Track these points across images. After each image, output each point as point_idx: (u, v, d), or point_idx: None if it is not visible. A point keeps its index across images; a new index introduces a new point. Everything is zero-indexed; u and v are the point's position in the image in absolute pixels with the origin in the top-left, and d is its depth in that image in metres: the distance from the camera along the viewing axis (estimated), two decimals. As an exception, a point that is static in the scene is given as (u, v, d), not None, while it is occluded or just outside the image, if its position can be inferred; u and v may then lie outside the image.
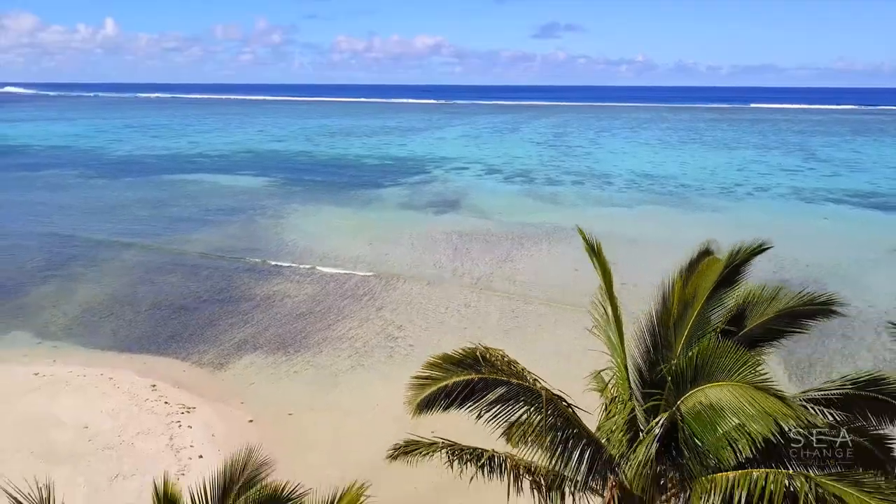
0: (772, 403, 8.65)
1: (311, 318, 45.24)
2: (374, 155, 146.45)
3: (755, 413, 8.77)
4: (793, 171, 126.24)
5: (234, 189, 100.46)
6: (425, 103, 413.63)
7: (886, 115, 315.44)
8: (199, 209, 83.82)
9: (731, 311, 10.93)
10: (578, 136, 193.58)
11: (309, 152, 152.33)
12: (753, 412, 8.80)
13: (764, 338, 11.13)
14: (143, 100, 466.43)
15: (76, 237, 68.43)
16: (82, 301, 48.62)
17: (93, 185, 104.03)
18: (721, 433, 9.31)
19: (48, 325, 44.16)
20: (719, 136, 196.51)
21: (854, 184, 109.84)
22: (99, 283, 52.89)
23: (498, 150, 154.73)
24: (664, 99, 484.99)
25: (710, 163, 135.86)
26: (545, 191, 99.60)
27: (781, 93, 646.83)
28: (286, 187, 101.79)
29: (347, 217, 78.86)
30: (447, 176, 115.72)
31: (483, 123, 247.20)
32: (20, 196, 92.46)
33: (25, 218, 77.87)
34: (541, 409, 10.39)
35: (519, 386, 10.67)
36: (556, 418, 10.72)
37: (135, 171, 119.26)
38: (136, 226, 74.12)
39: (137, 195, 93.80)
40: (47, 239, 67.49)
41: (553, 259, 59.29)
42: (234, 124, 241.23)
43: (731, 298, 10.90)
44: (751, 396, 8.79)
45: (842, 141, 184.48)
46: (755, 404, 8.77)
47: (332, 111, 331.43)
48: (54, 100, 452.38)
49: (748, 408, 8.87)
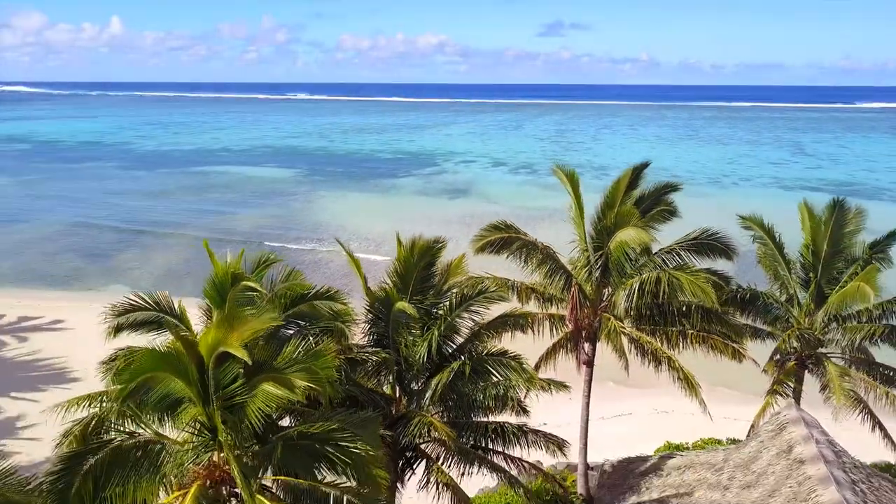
0: (645, 235, 18.20)
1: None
2: (387, 149, 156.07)
3: (637, 239, 18.19)
4: (779, 163, 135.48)
5: (263, 179, 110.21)
6: (430, 101, 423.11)
7: (881, 112, 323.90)
8: (237, 195, 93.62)
9: (633, 198, 20.30)
10: (580, 133, 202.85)
11: (325, 147, 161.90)
12: (637, 239, 18.24)
13: (650, 209, 20.48)
14: (153, 98, 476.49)
15: (136, 217, 78.32)
16: (160, 264, 58.45)
17: (133, 176, 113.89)
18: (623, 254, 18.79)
19: (138, 280, 53.95)
20: (715, 133, 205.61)
21: (832, 175, 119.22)
22: (170, 249, 62.75)
23: (503, 146, 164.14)
24: (665, 97, 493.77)
25: (702, 156, 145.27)
26: (546, 181, 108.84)
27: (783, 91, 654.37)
28: (310, 177, 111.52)
29: (370, 202, 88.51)
30: (456, 168, 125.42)
31: (488, 121, 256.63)
32: (76, 185, 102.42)
33: (87, 202, 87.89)
34: (539, 251, 20.06)
35: (527, 240, 20.31)
36: (545, 256, 20.24)
37: (167, 164, 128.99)
38: (185, 208, 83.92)
39: (178, 183, 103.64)
40: (112, 219, 77.41)
41: (553, 235, 68.86)
42: (248, 122, 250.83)
43: (631, 198, 20.28)
44: (636, 233, 18.20)
45: (831, 137, 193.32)
46: (638, 237, 18.20)
47: (339, 109, 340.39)
48: (66, 98, 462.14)
49: (635, 238, 18.28)
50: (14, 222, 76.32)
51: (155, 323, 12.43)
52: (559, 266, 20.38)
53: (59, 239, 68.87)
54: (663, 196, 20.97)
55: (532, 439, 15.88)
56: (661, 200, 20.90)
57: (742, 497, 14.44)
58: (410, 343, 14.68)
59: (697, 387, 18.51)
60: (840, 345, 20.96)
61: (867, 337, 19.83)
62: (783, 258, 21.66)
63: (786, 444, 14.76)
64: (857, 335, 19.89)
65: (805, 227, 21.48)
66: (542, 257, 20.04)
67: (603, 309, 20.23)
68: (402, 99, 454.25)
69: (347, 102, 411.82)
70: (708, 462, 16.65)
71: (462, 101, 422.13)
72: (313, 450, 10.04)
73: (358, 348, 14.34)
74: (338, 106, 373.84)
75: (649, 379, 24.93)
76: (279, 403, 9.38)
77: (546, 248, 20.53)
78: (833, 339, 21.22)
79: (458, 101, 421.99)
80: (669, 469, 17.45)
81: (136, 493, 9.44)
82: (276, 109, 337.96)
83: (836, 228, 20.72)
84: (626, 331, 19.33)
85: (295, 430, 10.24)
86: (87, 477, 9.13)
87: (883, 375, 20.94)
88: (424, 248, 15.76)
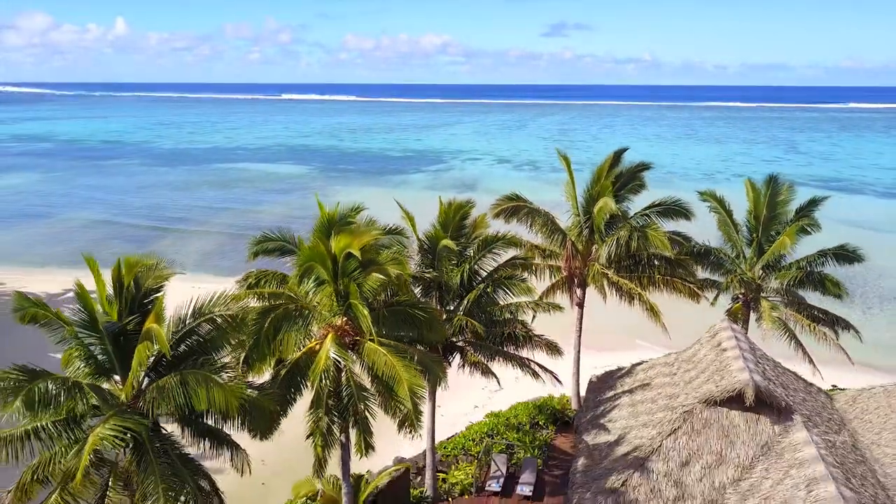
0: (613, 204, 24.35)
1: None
2: (395, 148, 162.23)
3: (607, 207, 24.23)
4: (771, 161, 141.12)
5: (281, 175, 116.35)
6: (434, 102, 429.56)
7: (878, 112, 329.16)
8: (258, 189, 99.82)
9: (615, 174, 26.23)
10: (582, 132, 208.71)
11: (336, 146, 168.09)
12: (608, 208, 24.24)
13: (627, 183, 26.48)
14: (160, 99, 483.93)
15: (167, 206, 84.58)
16: (197, 248, 64.58)
17: (157, 172, 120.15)
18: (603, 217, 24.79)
19: (180, 263, 60.06)
20: (712, 132, 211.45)
21: (822, 171, 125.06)
22: (205, 237, 68.90)
23: (507, 144, 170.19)
24: (667, 97, 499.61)
25: (698, 154, 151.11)
26: (549, 176, 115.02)
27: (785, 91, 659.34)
28: (325, 173, 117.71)
29: (383, 195, 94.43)
30: (463, 165, 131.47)
31: (492, 121, 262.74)
32: (107, 180, 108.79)
33: (121, 195, 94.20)
34: (542, 216, 26.10)
35: (533, 207, 26.34)
36: (547, 220, 26.22)
37: (188, 161, 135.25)
38: (212, 199, 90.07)
39: (201, 178, 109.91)
40: (147, 209, 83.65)
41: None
42: (258, 122, 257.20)
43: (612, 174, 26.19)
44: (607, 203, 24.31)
45: (825, 136, 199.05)
46: (607, 206, 24.29)
47: (345, 109, 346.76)
48: (73, 99, 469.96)
49: (607, 206, 24.24)
50: (55, 213, 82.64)
51: (280, 250, 18.39)
52: (557, 227, 26.44)
53: (100, 227, 75.20)
54: (638, 173, 27.01)
55: (535, 342, 21.91)
56: (636, 177, 26.95)
57: (684, 378, 20.43)
58: (450, 271, 20.70)
59: (660, 314, 24.53)
60: (774, 289, 26.99)
61: (792, 280, 25.81)
62: (732, 223, 27.72)
63: (717, 342, 20.72)
64: (785, 279, 25.88)
65: (749, 198, 27.51)
66: (544, 220, 26.09)
67: (590, 259, 26.26)
68: (407, 100, 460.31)
69: (352, 103, 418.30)
70: (664, 362, 22.55)
71: (466, 102, 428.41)
72: (403, 312, 15.99)
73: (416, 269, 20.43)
74: (343, 106, 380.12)
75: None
76: (381, 283, 15.26)
77: (547, 213, 26.60)
78: (770, 287, 27.23)
79: (462, 102, 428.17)
80: (638, 371, 23.31)
81: (295, 337, 15.34)
82: (283, 110, 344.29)
83: (772, 198, 26.74)
84: (608, 275, 25.35)
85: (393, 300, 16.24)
86: (270, 324, 15.00)
87: (810, 314, 26.90)
88: (458, 206, 21.80)
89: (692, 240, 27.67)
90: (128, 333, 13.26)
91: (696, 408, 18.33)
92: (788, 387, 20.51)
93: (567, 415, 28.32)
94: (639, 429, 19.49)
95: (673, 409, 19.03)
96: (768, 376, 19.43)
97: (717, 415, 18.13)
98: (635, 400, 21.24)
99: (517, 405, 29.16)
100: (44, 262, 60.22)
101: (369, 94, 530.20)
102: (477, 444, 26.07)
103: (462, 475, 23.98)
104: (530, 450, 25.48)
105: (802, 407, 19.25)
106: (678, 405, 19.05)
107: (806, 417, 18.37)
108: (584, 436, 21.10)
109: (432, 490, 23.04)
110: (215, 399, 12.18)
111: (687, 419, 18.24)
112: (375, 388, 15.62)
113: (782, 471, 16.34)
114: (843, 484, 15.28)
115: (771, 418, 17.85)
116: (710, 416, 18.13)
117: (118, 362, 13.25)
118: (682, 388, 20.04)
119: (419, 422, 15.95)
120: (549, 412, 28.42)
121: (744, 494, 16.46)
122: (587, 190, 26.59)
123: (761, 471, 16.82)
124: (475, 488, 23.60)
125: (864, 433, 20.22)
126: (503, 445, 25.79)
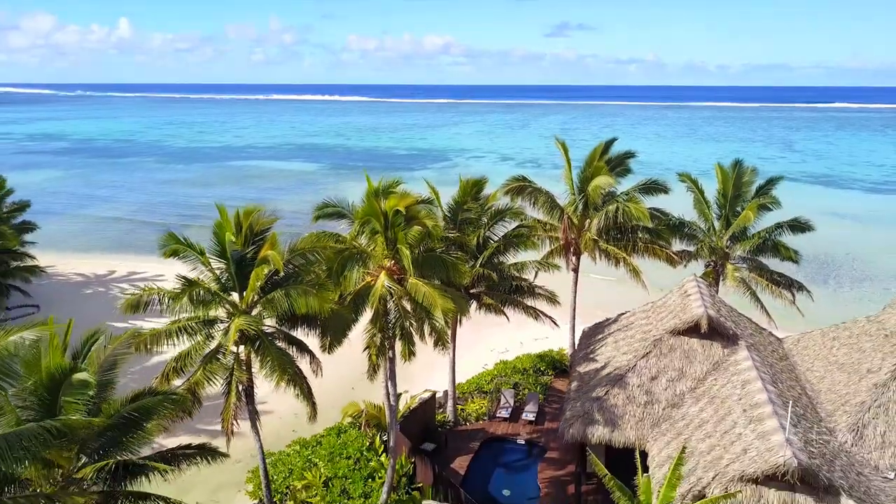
0: (611, 179, 29.23)
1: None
2: (401, 146, 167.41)
3: (606, 182, 29.15)
4: (767, 158, 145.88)
5: (293, 172, 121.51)
6: (438, 102, 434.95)
7: (877, 112, 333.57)
8: (273, 185, 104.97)
9: (605, 159, 31.14)
10: (584, 132, 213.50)
11: (344, 145, 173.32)
12: (606, 182, 29.11)
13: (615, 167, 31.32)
14: (165, 99, 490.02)
15: (189, 202, 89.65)
16: (225, 236, 69.65)
17: (174, 169, 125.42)
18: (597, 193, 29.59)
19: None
20: (711, 132, 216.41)
21: (814, 168, 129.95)
22: (230, 226, 73.97)
23: (510, 143, 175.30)
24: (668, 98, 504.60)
25: (695, 152, 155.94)
26: (551, 173, 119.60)
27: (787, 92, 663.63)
28: (336, 170, 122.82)
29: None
30: (467, 162, 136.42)
31: (495, 120, 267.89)
32: (126, 176, 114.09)
33: (142, 190, 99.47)
34: (543, 194, 31.11)
35: (536, 187, 31.33)
36: (547, 198, 31.19)
37: (201, 159, 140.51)
38: (231, 193, 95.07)
39: (218, 175, 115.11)
40: (169, 204, 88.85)
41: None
42: (265, 121, 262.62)
43: (603, 159, 31.13)
44: (605, 178, 29.11)
45: (822, 135, 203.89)
46: (606, 181, 29.09)
47: (349, 109, 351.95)
48: (80, 99, 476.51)
49: (605, 181, 29.13)
50: (84, 206, 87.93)
51: (337, 214, 23.37)
52: (556, 204, 31.43)
53: (130, 218, 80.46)
54: (625, 160, 32.00)
55: (538, 293, 27.02)
56: (623, 162, 31.95)
57: (657, 317, 25.44)
58: (470, 233, 25.77)
59: (642, 273, 29.54)
60: (740, 256, 32.01)
61: (753, 247, 30.86)
62: (704, 200, 32.72)
63: (684, 290, 25.72)
64: (747, 245, 30.93)
65: (718, 179, 32.55)
66: (545, 198, 31.05)
67: (584, 230, 31.25)
68: (410, 100, 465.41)
69: (356, 103, 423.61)
70: (643, 311, 27.49)
71: (469, 102, 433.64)
72: (436, 257, 20.99)
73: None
74: (347, 106, 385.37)
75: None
76: (420, 234, 20.21)
77: (548, 192, 31.57)
78: (736, 254, 32.24)
79: (465, 102, 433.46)
80: (622, 318, 28.29)
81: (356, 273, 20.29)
82: (288, 110, 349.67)
83: (738, 179, 31.76)
84: (599, 243, 30.33)
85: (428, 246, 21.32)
86: (338, 263, 19.96)
87: (770, 277, 31.86)
88: (475, 181, 26.82)
89: (670, 214, 32.67)
90: (245, 261, 18.26)
91: (664, 336, 23.36)
92: (740, 325, 25.50)
93: (564, 364, 33.38)
94: (619, 357, 24.53)
95: (646, 340, 24.05)
96: (722, 314, 24.44)
97: (680, 342, 23.16)
98: (618, 338, 26.27)
99: (522, 356, 34.26)
100: (87, 248, 65.43)
101: (373, 95, 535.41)
102: (489, 384, 31.19)
103: (477, 406, 29.10)
104: (533, 388, 30.61)
105: (749, 339, 24.24)
106: (650, 336, 24.07)
107: (750, 345, 23.36)
108: (577, 367, 26.12)
109: (453, 416, 28.19)
110: (312, 304, 17.15)
111: (657, 345, 23.27)
112: (416, 314, 20.61)
113: (726, 378, 21.35)
114: (769, 384, 20.28)
115: (721, 343, 22.88)
116: (674, 343, 23.17)
117: (238, 282, 18.25)
118: (654, 325, 25.07)
119: (448, 342, 20.96)
120: (549, 360, 33.50)
121: (698, 397, 21.47)
122: (581, 171, 31.53)
123: (711, 381, 21.83)
124: (488, 416, 28.70)
125: (802, 363, 25.23)
126: (511, 384, 30.91)
